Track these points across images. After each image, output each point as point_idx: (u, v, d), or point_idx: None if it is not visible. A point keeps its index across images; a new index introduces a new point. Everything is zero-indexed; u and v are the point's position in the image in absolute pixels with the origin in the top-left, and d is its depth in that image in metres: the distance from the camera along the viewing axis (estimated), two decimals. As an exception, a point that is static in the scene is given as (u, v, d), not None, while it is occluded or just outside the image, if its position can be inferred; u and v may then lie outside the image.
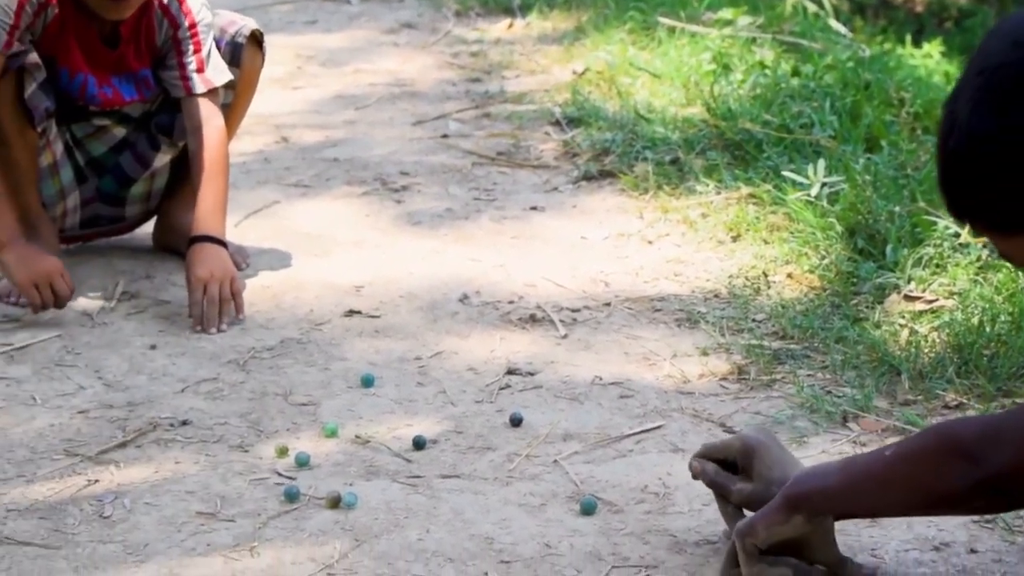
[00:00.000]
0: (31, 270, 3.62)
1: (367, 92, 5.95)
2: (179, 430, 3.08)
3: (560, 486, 2.82)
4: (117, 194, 4.03)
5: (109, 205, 4.05)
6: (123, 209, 4.07)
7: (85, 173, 3.97)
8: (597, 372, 3.33)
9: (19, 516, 2.73)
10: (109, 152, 3.97)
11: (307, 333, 3.57)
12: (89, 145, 3.95)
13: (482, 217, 4.38)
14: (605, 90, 5.60)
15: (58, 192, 3.90)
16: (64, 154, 3.90)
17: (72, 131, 3.91)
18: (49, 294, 3.62)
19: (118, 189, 4.02)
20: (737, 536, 2.38)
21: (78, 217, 4.00)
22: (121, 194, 4.03)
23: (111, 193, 4.02)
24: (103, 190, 4.01)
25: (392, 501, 2.76)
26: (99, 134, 3.94)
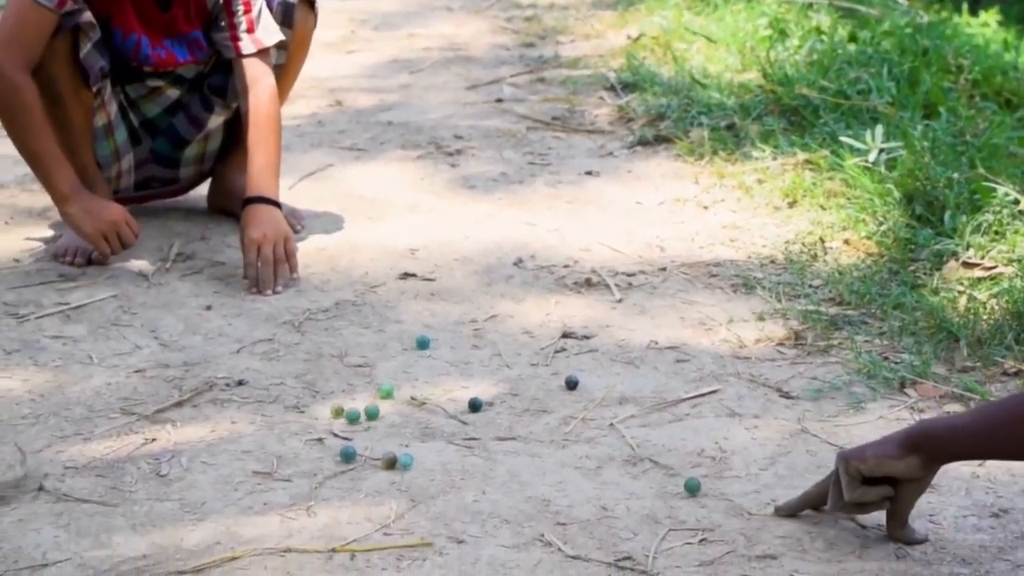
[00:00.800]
0: (97, 220, 3.65)
1: (421, 56, 5.94)
2: (235, 390, 3.09)
3: (616, 449, 2.81)
4: (171, 156, 4.03)
5: (163, 167, 4.05)
6: (177, 171, 4.08)
7: (139, 135, 3.98)
8: (653, 336, 3.31)
9: (77, 474, 2.74)
10: (163, 114, 3.98)
11: (362, 295, 3.56)
12: (143, 106, 3.95)
13: (537, 181, 4.37)
14: (660, 55, 5.58)
15: (113, 153, 3.91)
16: (119, 115, 3.90)
17: (126, 92, 3.92)
18: (116, 242, 3.68)
19: (172, 151, 4.02)
20: (841, 459, 2.40)
21: (133, 179, 4.01)
22: (175, 156, 4.04)
23: (165, 155, 4.03)
24: (157, 152, 4.02)
25: (448, 463, 2.76)
26: (153, 95, 3.94)
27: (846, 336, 3.27)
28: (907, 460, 2.37)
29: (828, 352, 3.21)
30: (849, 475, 2.40)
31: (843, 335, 3.28)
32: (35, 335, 3.35)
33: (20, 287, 3.61)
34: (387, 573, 2.40)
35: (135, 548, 2.48)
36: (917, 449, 2.36)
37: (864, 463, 2.38)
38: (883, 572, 2.38)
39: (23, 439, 2.86)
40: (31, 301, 3.53)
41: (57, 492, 2.67)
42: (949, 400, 2.98)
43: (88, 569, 2.43)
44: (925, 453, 2.36)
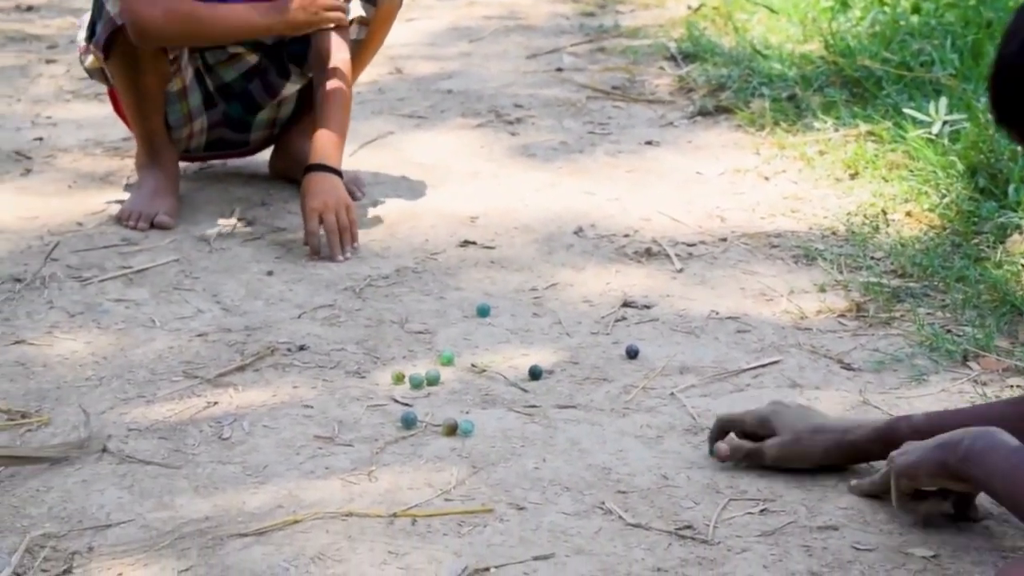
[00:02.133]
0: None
1: (481, 25, 5.94)
2: (296, 355, 3.10)
3: (677, 419, 2.80)
4: (243, 120, 4.04)
5: (234, 130, 4.06)
6: (248, 135, 4.09)
7: (214, 98, 3.99)
8: (713, 306, 3.31)
9: (140, 436, 2.76)
10: (239, 78, 3.98)
11: (422, 262, 3.57)
12: (221, 71, 3.96)
13: (597, 151, 4.36)
14: (720, 26, 5.56)
15: (185, 116, 3.92)
16: (194, 80, 3.91)
17: (204, 57, 3.92)
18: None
19: (244, 115, 4.03)
20: (894, 473, 2.37)
21: (203, 140, 4.03)
22: (247, 119, 4.05)
23: (238, 118, 4.04)
24: (230, 115, 4.03)
25: (509, 430, 2.77)
26: (232, 61, 3.95)
27: (908, 308, 3.25)
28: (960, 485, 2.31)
29: (890, 324, 3.20)
30: (900, 490, 2.37)
31: (905, 307, 3.26)
32: (98, 298, 3.37)
33: (83, 251, 3.63)
34: (448, 538, 2.41)
35: (198, 510, 2.50)
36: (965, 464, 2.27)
37: (915, 480, 2.34)
38: (945, 545, 2.37)
39: (87, 401, 2.88)
40: (94, 265, 3.55)
41: (120, 453, 2.69)
42: (1012, 374, 2.96)
43: (151, 530, 2.44)
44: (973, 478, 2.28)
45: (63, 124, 4.66)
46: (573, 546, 2.38)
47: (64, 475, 2.61)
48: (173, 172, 3.91)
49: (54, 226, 3.79)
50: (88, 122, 4.61)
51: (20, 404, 2.88)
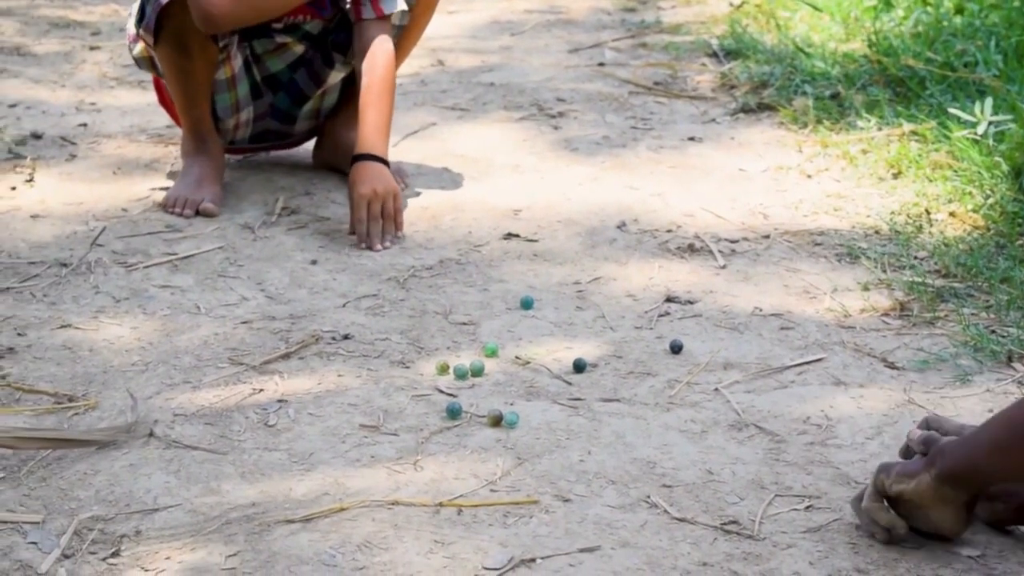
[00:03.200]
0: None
1: (522, 19, 5.94)
2: (341, 344, 3.11)
3: (721, 414, 2.81)
4: (289, 111, 4.06)
5: (280, 122, 4.08)
6: (293, 126, 4.10)
7: (261, 89, 4.00)
8: (757, 303, 3.31)
9: (186, 421, 2.77)
10: (286, 68, 3.99)
11: (466, 254, 3.58)
12: (268, 61, 3.97)
13: (639, 146, 4.36)
14: (763, 23, 5.55)
15: (233, 105, 3.94)
16: (243, 69, 3.93)
17: (253, 47, 3.94)
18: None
19: (290, 106, 4.05)
20: (877, 469, 2.35)
21: (249, 131, 4.04)
22: (292, 111, 4.06)
23: (284, 110, 4.05)
24: (277, 106, 4.04)
25: (553, 422, 2.77)
26: (279, 51, 3.96)
27: (952, 308, 3.25)
28: (919, 478, 2.28)
29: (934, 324, 3.19)
30: (875, 487, 2.34)
31: (949, 307, 3.26)
32: (144, 284, 3.39)
33: (128, 236, 3.65)
34: (494, 529, 2.41)
35: (244, 496, 2.51)
36: (930, 465, 2.28)
37: (887, 478, 2.31)
38: (991, 545, 2.37)
39: (134, 385, 2.90)
40: (139, 251, 3.57)
41: (167, 438, 2.70)
42: (1056, 376, 2.97)
43: (198, 515, 2.46)
44: (937, 470, 2.26)
45: (107, 111, 4.68)
46: (619, 539, 2.39)
47: (111, 459, 2.63)
48: (219, 160, 3.92)
49: (99, 212, 3.81)
50: (132, 109, 4.63)
51: (67, 388, 2.90)
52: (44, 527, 2.42)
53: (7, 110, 4.65)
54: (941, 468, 2.27)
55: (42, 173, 4.08)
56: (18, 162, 4.15)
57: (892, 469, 2.33)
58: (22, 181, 4.00)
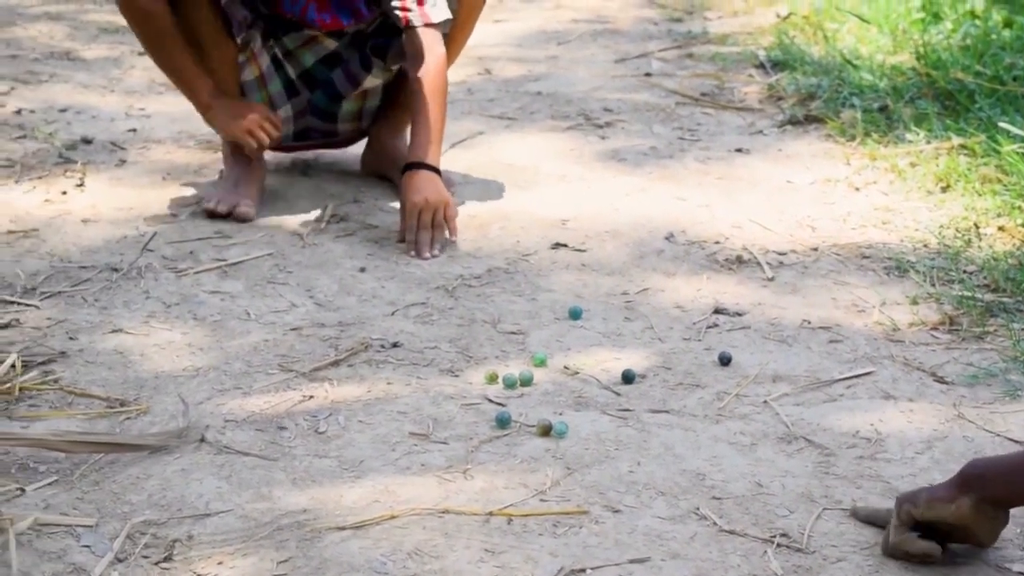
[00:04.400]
0: (240, 118, 3.80)
1: (568, 28, 5.96)
2: (390, 352, 3.12)
3: (770, 427, 2.81)
4: (328, 109, 4.07)
5: (321, 120, 4.09)
6: (335, 125, 4.11)
7: (297, 86, 4.02)
8: (805, 316, 3.30)
9: (237, 427, 2.79)
10: (319, 64, 4.00)
11: (514, 263, 3.59)
12: (301, 56, 3.98)
13: (687, 157, 4.36)
14: (810, 34, 5.55)
15: (266, 102, 3.96)
16: (271, 67, 3.94)
17: (283, 42, 3.95)
18: (263, 135, 3.81)
19: (328, 104, 4.06)
20: (897, 502, 2.35)
21: (291, 128, 4.06)
22: (332, 109, 4.07)
23: (322, 108, 4.07)
24: (315, 104, 4.06)
25: (602, 432, 2.78)
26: (309, 44, 3.96)
27: (1002, 323, 3.24)
28: (958, 502, 2.27)
29: (983, 339, 3.19)
30: (900, 519, 2.33)
31: (998, 322, 3.25)
32: (194, 290, 3.41)
33: (178, 242, 3.67)
34: (543, 539, 2.42)
35: (295, 503, 2.52)
36: (968, 489, 2.27)
37: (916, 507, 2.31)
38: (1042, 561, 2.37)
39: (185, 391, 2.91)
40: (189, 256, 3.59)
41: (218, 444, 2.72)
42: (1107, 392, 2.95)
43: (250, 520, 2.47)
44: (976, 493, 2.26)
45: (156, 116, 4.71)
46: (668, 550, 2.39)
47: (163, 464, 2.64)
48: (258, 162, 3.94)
49: (149, 217, 3.83)
50: (181, 114, 4.65)
51: (119, 392, 2.92)
52: (97, 530, 2.44)
53: (58, 115, 4.69)
54: (982, 494, 2.27)
55: (92, 178, 4.10)
56: (69, 167, 4.18)
57: (919, 498, 2.32)
58: (73, 186, 4.03)
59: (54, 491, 2.55)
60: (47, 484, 2.57)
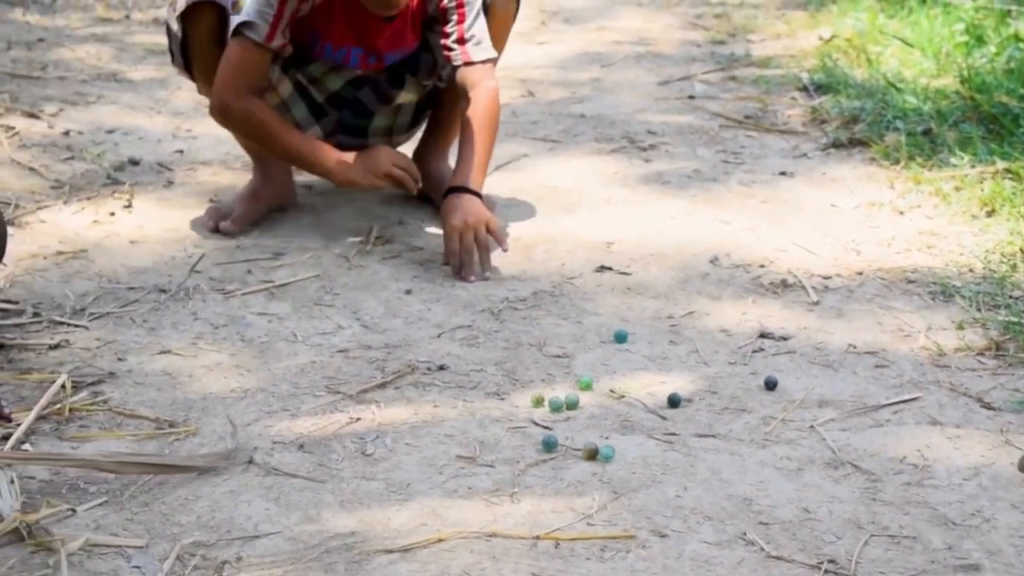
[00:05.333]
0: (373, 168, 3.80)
1: (611, 50, 5.97)
2: (436, 374, 3.13)
3: (817, 452, 2.81)
4: (356, 125, 4.07)
5: (351, 136, 4.10)
6: (365, 140, 4.12)
7: (324, 108, 4.02)
8: (851, 340, 3.30)
9: (285, 449, 2.80)
10: (347, 86, 4.00)
11: (559, 286, 3.60)
12: (326, 81, 3.98)
13: (731, 180, 4.37)
14: (853, 57, 5.55)
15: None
16: (294, 93, 3.95)
17: (308, 71, 3.96)
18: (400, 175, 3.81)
19: (357, 120, 4.06)
20: None
21: None
22: (361, 125, 4.07)
23: (351, 125, 4.07)
24: (343, 122, 4.07)
25: (648, 456, 2.78)
26: (337, 70, 3.96)
27: (1048, 349, 3.24)
28: None
29: (1030, 364, 3.18)
30: None
31: (1045, 348, 3.25)
32: (241, 311, 3.43)
33: (225, 263, 3.69)
34: (591, 563, 2.43)
35: (343, 525, 2.54)
36: None
37: None
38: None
39: (233, 412, 2.93)
40: (236, 278, 3.61)
41: (266, 465, 2.73)
42: None
43: (298, 543, 2.48)
44: None
45: (202, 137, 4.74)
46: None
47: (212, 485, 2.66)
48: (278, 180, 4.00)
49: (196, 238, 3.86)
50: (226, 136, 4.65)
51: (168, 413, 2.94)
52: (147, 551, 2.45)
53: (105, 136, 4.72)
54: None
55: (140, 199, 4.13)
56: (116, 188, 4.21)
57: None
58: (121, 207, 4.06)
59: (104, 512, 2.57)
60: (97, 505, 2.59)
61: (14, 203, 4.03)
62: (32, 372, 3.09)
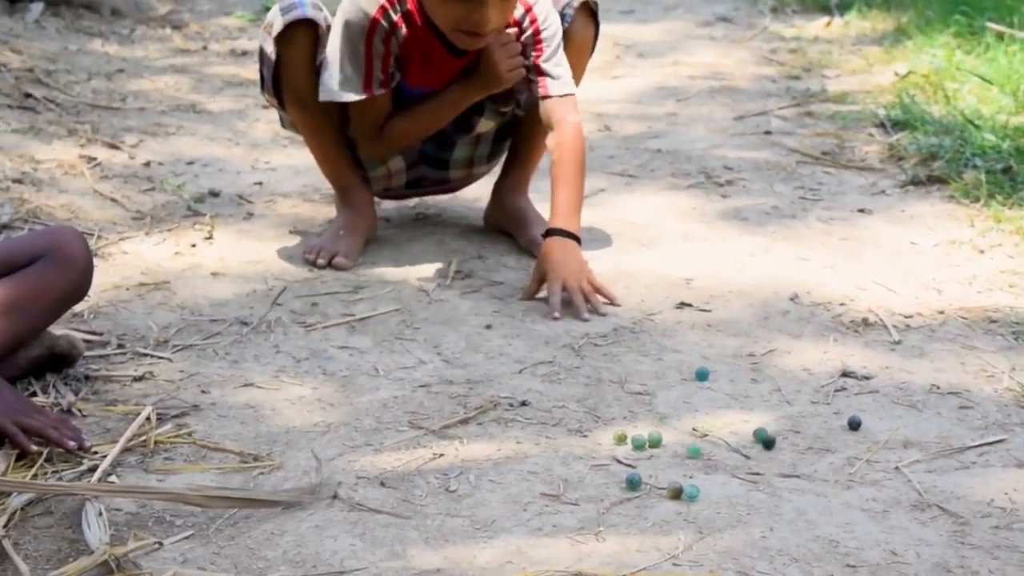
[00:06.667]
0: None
1: (686, 85, 5.97)
2: (518, 410, 3.13)
3: (903, 493, 2.79)
4: (439, 156, 4.10)
5: (433, 168, 4.13)
6: (447, 172, 4.15)
7: None
8: (934, 380, 3.28)
9: (369, 484, 2.81)
10: None
11: (639, 322, 3.59)
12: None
13: (809, 216, 4.36)
14: (930, 93, 5.53)
15: (377, 157, 4.00)
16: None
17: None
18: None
19: (439, 151, 4.09)
20: None
21: (404, 179, 4.12)
22: (443, 156, 4.10)
23: (433, 156, 4.10)
24: (426, 153, 4.09)
25: (733, 496, 2.77)
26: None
27: None
28: None
29: (1116, 407, 3.16)
30: None
31: None
32: (323, 344, 3.44)
33: (306, 296, 3.71)
34: (677, 603, 2.42)
35: (429, 561, 2.54)
36: None
37: None
38: None
39: (316, 446, 2.94)
40: (317, 311, 3.63)
41: (351, 501, 2.74)
42: None
43: (384, 579, 2.49)
44: None
45: (281, 169, 4.77)
46: (804, 618, 2.38)
47: (297, 519, 2.67)
48: (365, 212, 4.01)
49: (277, 271, 3.88)
50: (305, 168, 4.71)
51: (251, 446, 2.95)
52: (234, 586, 2.47)
53: (185, 167, 4.76)
54: None
55: (220, 231, 4.16)
56: (197, 219, 4.25)
57: None
58: (202, 238, 4.09)
59: (191, 545, 2.59)
60: (184, 538, 2.61)
61: (97, 234, 4.07)
62: (117, 404, 3.11)
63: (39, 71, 5.72)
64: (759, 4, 7.79)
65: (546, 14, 3.82)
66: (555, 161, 3.78)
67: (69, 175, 4.56)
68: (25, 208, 4.17)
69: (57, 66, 5.94)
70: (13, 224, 4.04)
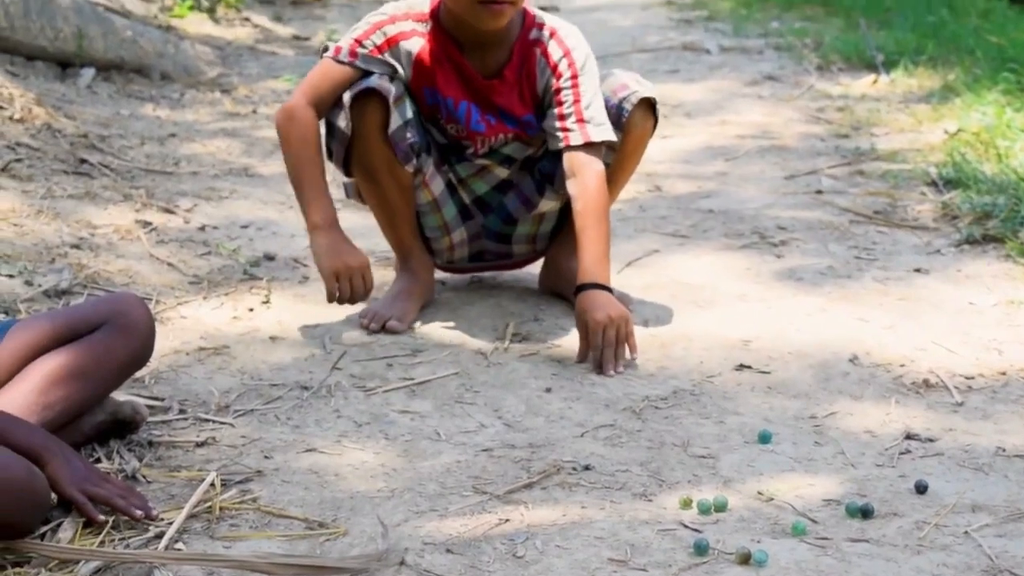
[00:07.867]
0: (336, 258, 3.81)
1: (735, 144, 5.97)
2: (582, 474, 3.12)
3: (974, 558, 2.77)
4: (502, 232, 4.12)
5: (496, 242, 4.14)
6: (510, 247, 4.16)
7: (471, 211, 4.08)
8: (999, 443, 3.26)
9: (435, 550, 2.80)
10: (492, 191, 4.06)
11: (699, 385, 3.59)
12: (473, 184, 4.05)
13: (865, 276, 4.35)
14: (981, 151, 5.52)
15: (441, 227, 4.02)
16: (445, 192, 4.00)
17: (456, 170, 4.01)
18: (347, 286, 3.82)
19: (502, 227, 4.11)
20: None
21: (467, 251, 4.13)
22: (506, 231, 4.12)
23: (496, 231, 4.12)
24: (489, 227, 4.11)
25: (802, 561, 2.75)
26: (482, 173, 4.03)
27: None
28: None
29: None
30: None
31: None
32: (383, 409, 3.44)
33: (365, 360, 3.72)
34: (751, 671, 2.40)
35: (500, 628, 2.53)
36: None
37: None
38: None
39: (382, 512, 2.93)
40: (377, 375, 3.63)
41: (418, 567, 2.73)
42: None
43: (454, 646, 2.48)
44: None
45: (335, 232, 4.77)
46: None
47: (365, 586, 2.66)
48: (424, 279, 4.01)
49: (335, 334, 3.89)
50: (359, 231, 4.71)
51: (316, 512, 2.95)
52: (305, 654, 2.46)
53: (240, 231, 4.78)
54: None
55: (277, 294, 4.18)
56: (254, 283, 4.26)
57: None
58: (259, 302, 4.11)
59: (260, 613, 2.58)
60: (253, 605, 2.60)
61: (155, 299, 4.09)
62: (181, 470, 3.12)
63: (93, 136, 5.76)
64: (804, 62, 7.81)
65: (584, 57, 3.82)
66: (579, 211, 3.78)
67: (126, 240, 4.59)
68: (84, 274, 4.19)
69: (110, 131, 5.99)
70: (72, 290, 4.06)
